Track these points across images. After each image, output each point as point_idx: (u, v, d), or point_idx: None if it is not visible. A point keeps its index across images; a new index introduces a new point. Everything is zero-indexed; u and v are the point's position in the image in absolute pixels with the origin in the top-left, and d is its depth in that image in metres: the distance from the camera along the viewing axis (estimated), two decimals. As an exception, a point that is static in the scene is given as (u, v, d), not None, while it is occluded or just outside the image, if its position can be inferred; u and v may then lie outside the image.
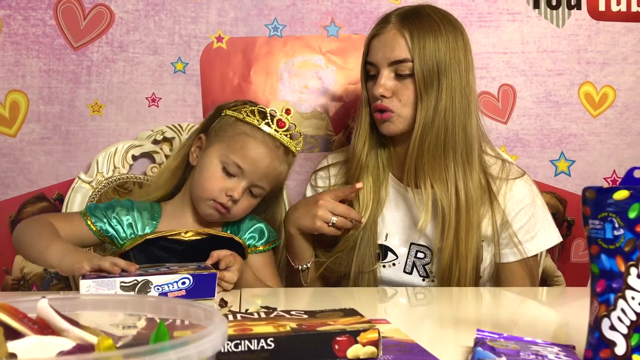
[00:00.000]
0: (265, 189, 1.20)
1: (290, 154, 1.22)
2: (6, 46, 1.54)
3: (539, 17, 1.62)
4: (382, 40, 1.21)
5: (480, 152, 1.24)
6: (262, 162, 1.16)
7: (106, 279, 0.95)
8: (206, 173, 1.16)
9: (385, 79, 1.20)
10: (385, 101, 1.20)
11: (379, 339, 0.67)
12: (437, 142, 1.18)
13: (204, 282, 0.99)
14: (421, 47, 1.18)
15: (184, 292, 0.98)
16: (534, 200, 1.25)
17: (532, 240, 1.24)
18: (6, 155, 1.54)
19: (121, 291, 0.95)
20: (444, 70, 1.18)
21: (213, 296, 1.00)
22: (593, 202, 0.61)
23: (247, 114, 1.19)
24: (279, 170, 1.20)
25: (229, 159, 1.15)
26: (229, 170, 1.15)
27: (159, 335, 0.48)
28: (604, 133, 1.63)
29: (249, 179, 1.16)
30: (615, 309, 0.60)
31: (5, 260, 1.55)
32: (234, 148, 1.16)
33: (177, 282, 0.97)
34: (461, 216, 1.18)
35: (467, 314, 1.03)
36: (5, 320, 0.50)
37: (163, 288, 0.97)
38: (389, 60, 1.20)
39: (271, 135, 1.18)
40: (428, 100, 1.18)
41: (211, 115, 1.26)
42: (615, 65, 1.63)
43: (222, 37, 1.57)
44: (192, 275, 0.99)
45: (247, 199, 1.18)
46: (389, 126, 1.22)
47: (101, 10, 1.55)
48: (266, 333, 0.65)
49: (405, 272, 1.27)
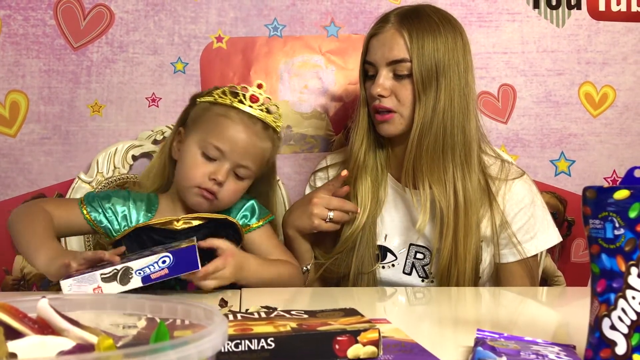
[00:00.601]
0: (250, 169, 1.16)
1: (270, 129, 1.18)
2: (6, 46, 1.54)
3: (538, 17, 1.62)
4: (381, 39, 1.21)
5: (479, 152, 1.24)
6: (240, 139, 1.14)
7: (86, 274, 0.94)
8: (187, 161, 1.15)
9: (384, 79, 1.20)
10: (384, 101, 1.20)
11: (379, 338, 0.67)
12: (436, 143, 1.18)
13: (184, 256, 0.97)
14: (420, 47, 1.18)
15: (167, 270, 0.95)
16: (534, 200, 1.25)
17: (532, 241, 1.24)
18: (6, 155, 1.54)
19: (103, 283, 0.93)
20: (442, 71, 1.18)
21: (197, 268, 0.97)
22: (593, 201, 0.61)
23: (219, 95, 1.17)
24: (261, 147, 1.17)
25: (207, 143, 1.13)
26: (209, 154, 1.13)
27: (159, 335, 0.48)
28: (604, 133, 1.63)
29: (231, 160, 1.13)
30: (615, 309, 0.60)
31: (5, 260, 1.55)
32: (210, 131, 1.14)
33: (157, 262, 0.95)
34: (460, 217, 1.18)
35: (467, 313, 1.03)
36: (5, 320, 0.50)
37: (144, 271, 0.95)
38: (387, 60, 1.20)
39: (246, 112, 1.15)
40: (426, 101, 1.18)
41: (187, 107, 1.24)
42: (615, 65, 1.63)
43: (222, 37, 1.57)
44: (171, 252, 0.97)
45: (233, 182, 1.15)
46: (387, 127, 1.22)
47: (101, 11, 1.55)
48: (266, 333, 0.65)
49: (404, 273, 1.27)
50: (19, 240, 1.10)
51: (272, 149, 1.21)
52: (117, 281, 0.94)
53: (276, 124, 1.19)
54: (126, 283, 0.95)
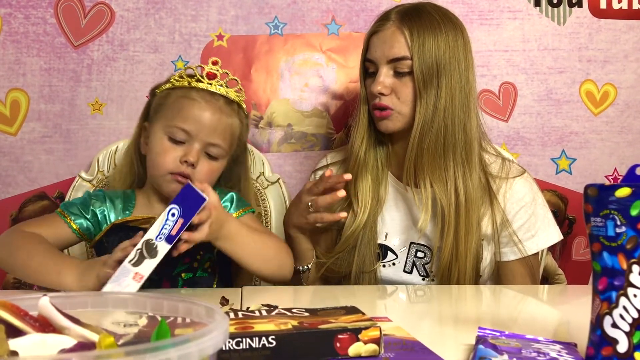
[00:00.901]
0: (221, 147, 1.12)
1: (234, 104, 1.15)
2: (7, 45, 1.54)
3: (540, 14, 1.61)
4: (381, 37, 1.21)
5: (480, 151, 1.23)
6: (205, 117, 1.11)
7: (117, 272, 0.93)
8: (155, 150, 1.12)
9: (384, 77, 1.20)
10: (384, 99, 1.20)
11: (380, 336, 0.67)
12: (437, 142, 1.18)
13: (186, 197, 0.95)
14: (420, 44, 1.17)
15: (181, 219, 0.94)
16: (534, 199, 1.25)
17: (533, 239, 1.24)
18: (7, 153, 1.54)
19: (136, 268, 0.92)
20: (443, 69, 1.17)
21: (204, 199, 0.95)
22: (595, 199, 0.61)
23: (176, 79, 1.15)
24: (228, 122, 1.13)
25: (172, 127, 1.10)
26: (176, 137, 1.10)
27: (161, 333, 0.48)
28: (605, 131, 1.63)
29: (200, 140, 1.10)
30: (617, 307, 0.60)
31: (6, 258, 1.55)
32: (174, 115, 1.11)
33: (167, 219, 0.94)
34: (460, 215, 1.18)
35: (468, 311, 1.03)
36: (6, 318, 0.50)
37: (163, 233, 0.93)
38: (387, 57, 1.20)
39: (205, 90, 1.13)
40: (427, 99, 1.17)
41: (148, 101, 1.22)
42: (616, 63, 1.62)
43: (222, 35, 1.57)
44: (173, 201, 0.95)
45: (206, 163, 1.12)
46: (387, 124, 1.22)
47: (101, 9, 1.55)
48: (268, 331, 0.65)
49: (405, 272, 1.27)
50: (25, 272, 1.04)
51: (240, 125, 1.17)
52: (147, 258, 0.93)
53: (240, 98, 1.17)
54: (156, 254, 0.93)
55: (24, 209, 1.55)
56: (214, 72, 1.14)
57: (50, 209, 1.54)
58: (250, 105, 1.59)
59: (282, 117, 1.59)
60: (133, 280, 0.92)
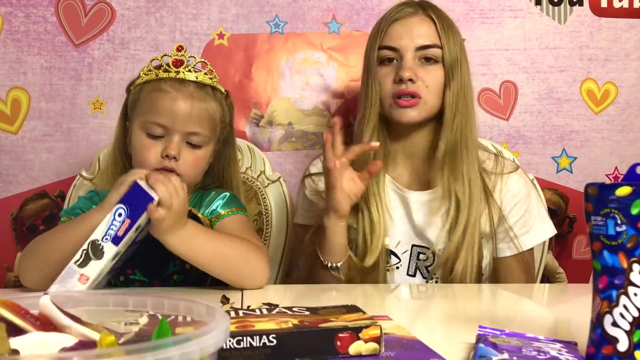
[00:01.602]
0: (202, 134, 1.09)
1: (208, 87, 1.12)
2: (7, 43, 1.54)
3: (540, 13, 1.61)
4: (408, 24, 1.21)
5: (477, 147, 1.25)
6: (178, 107, 1.07)
7: (63, 273, 0.90)
8: (136, 148, 1.09)
9: (412, 63, 1.19)
10: (412, 86, 1.18)
11: (381, 335, 0.67)
12: (456, 134, 1.19)
13: (134, 196, 0.93)
14: (448, 35, 1.20)
15: (128, 220, 0.92)
16: (529, 194, 1.26)
17: (527, 234, 1.24)
18: (8, 152, 1.54)
19: (82, 269, 0.90)
20: (460, 64, 1.20)
21: (152, 199, 0.93)
22: (595, 198, 0.61)
23: (145, 73, 1.13)
24: (203, 108, 1.09)
25: (147, 123, 1.07)
26: (154, 133, 1.08)
27: (161, 331, 0.48)
28: (605, 130, 1.63)
29: (177, 131, 1.07)
30: (617, 306, 0.60)
31: (7, 257, 1.55)
32: (147, 110, 1.09)
33: (114, 220, 0.92)
34: (472, 211, 1.18)
35: (468, 310, 1.03)
36: (7, 317, 0.50)
37: (109, 234, 0.91)
38: (416, 44, 1.19)
39: (174, 79, 1.09)
40: (454, 89, 1.19)
41: (125, 99, 1.19)
42: (617, 61, 1.62)
43: (223, 34, 1.57)
44: (120, 201, 0.93)
45: (190, 153, 1.09)
46: (411, 113, 1.19)
47: (102, 8, 1.55)
48: (268, 329, 0.65)
49: (408, 275, 1.26)
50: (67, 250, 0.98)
51: (219, 107, 1.13)
52: (93, 259, 0.91)
53: (212, 80, 1.13)
54: (101, 255, 0.91)
55: (25, 208, 1.55)
56: (179, 59, 1.10)
57: (51, 208, 1.55)
58: (252, 104, 1.59)
59: (282, 116, 1.59)
60: (79, 282, 0.90)
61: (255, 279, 1.05)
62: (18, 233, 1.55)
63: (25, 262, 1.03)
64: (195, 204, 1.15)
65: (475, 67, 1.56)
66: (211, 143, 1.13)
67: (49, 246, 1.01)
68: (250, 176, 1.49)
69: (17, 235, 1.55)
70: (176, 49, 1.11)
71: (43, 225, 1.55)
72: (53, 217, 1.55)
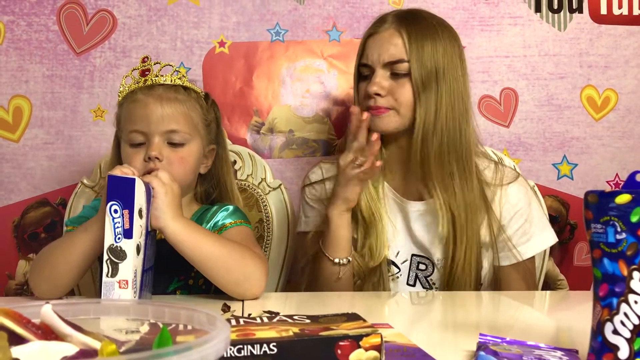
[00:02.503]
0: (181, 131, 1.10)
1: (177, 87, 1.13)
2: (10, 52, 1.54)
3: (540, 20, 1.62)
4: (378, 39, 1.21)
5: (474, 156, 1.24)
6: (150, 110, 1.09)
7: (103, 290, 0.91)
8: (124, 160, 1.11)
9: (380, 78, 1.19)
10: (380, 100, 1.18)
11: (381, 343, 0.67)
12: (441, 147, 1.17)
13: (117, 187, 0.92)
14: (419, 47, 1.18)
15: (127, 210, 0.91)
16: (529, 203, 1.25)
17: (528, 243, 1.24)
18: (9, 160, 1.55)
19: (115, 278, 0.91)
20: (442, 74, 1.18)
21: (133, 179, 0.93)
22: (595, 206, 0.61)
23: (120, 92, 1.16)
24: (175, 106, 1.11)
25: (127, 134, 1.10)
26: (135, 141, 1.10)
27: (162, 340, 0.49)
28: (606, 136, 1.63)
29: (153, 133, 1.09)
30: (618, 313, 0.60)
31: (8, 265, 1.55)
32: (126, 122, 1.12)
33: (114, 218, 0.91)
34: (467, 223, 1.18)
35: (469, 318, 1.03)
36: (9, 326, 0.50)
37: (119, 232, 0.91)
38: (384, 60, 1.19)
39: (142, 87, 1.12)
40: (427, 102, 1.17)
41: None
42: (617, 68, 1.63)
43: (224, 42, 1.58)
44: (108, 198, 0.92)
45: (173, 152, 1.10)
46: (380, 121, 1.19)
47: (104, 16, 1.56)
48: (269, 338, 0.65)
49: (408, 285, 1.26)
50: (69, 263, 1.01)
51: (195, 105, 1.15)
52: (120, 262, 0.91)
53: (181, 80, 1.15)
54: (124, 254, 0.91)
55: (26, 216, 1.55)
56: (145, 69, 1.13)
57: (53, 216, 1.55)
58: (252, 112, 1.59)
59: (283, 123, 1.59)
60: (120, 289, 0.91)
61: (251, 285, 1.04)
62: (19, 241, 1.56)
63: (35, 274, 1.04)
64: (198, 219, 1.16)
65: (475, 74, 1.56)
66: (194, 140, 1.13)
67: (56, 257, 1.02)
68: (251, 183, 1.49)
69: (18, 243, 1.56)
70: (141, 60, 1.15)
71: (44, 233, 1.55)
72: (54, 225, 1.55)
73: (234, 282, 1.03)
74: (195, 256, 1.01)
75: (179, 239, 1.00)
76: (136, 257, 0.93)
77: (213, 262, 1.02)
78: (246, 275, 1.03)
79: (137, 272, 0.94)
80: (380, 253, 1.22)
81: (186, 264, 1.03)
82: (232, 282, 1.03)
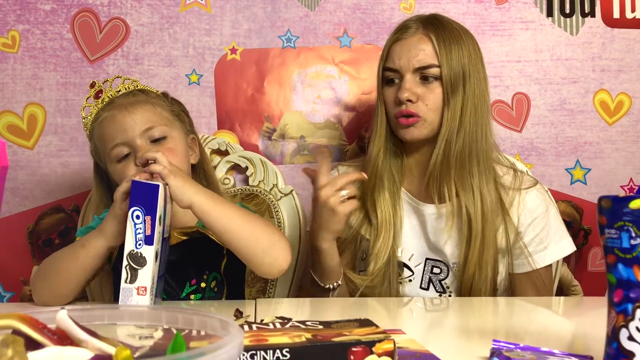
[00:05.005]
0: (158, 123, 1.12)
1: (135, 92, 1.17)
2: (25, 60, 1.56)
3: (552, 25, 1.61)
4: (406, 45, 1.21)
5: (494, 162, 1.24)
6: (120, 120, 1.11)
7: (121, 296, 0.92)
8: (119, 179, 1.10)
9: (410, 84, 1.20)
10: (411, 106, 1.19)
11: (394, 349, 0.67)
12: (463, 149, 1.18)
13: (140, 193, 0.93)
14: (448, 52, 1.19)
15: (149, 217, 0.92)
16: (548, 210, 1.24)
17: (545, 251, 1.23)
18: (24, 167, 1.56)
19: (134, 284, 0.92)
20: (468, 77, 1.19)
21: (157, 186, 0.94)
22: (609, 211, 0.61)
23: (85, 124, 1.19)
24: (140, 107, 1.13)
25: (109, 152, 1.11)
26: (121, 154, 1.10)
27: (176, 345, 0.49)
28: (619, 141, 1.62)
29: (134, 137, 1.10)
30: (633, 319, 0.59)
31: (22, 271, 1.57)
32: (103, 144, 1.13)
33: (136, 224, 0.92)
34: (486, 226, 1.18)
35: (482, 324, 1.02)
36: (25, 331, 0.50)
37: (140, 239, 0.92)
38: (414, 66, 1.20)
39: (106, 105, 1.15)
40: (455, 106, 1.18)
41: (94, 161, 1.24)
42: (630, 72, 1.61)
43: (235, 48, 1.59)
44: (131, 204, 0.93)
45: (159, 148, 1.10)
46: (413, 131, 1.20)
47: (117, 24, 1.57)
48: (282, 343, 0.65)
49: (421, 288, 1.26)
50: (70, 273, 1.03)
51: (157, 100, 1.17)
52: (139, 268, 0.92)
53: (132, 85, 1.18)
54: (144, 260, 0.92)
55: (41, 222, 1.57)
56: (98, 90, 1.18)
57: (67, 222, 1.56)
58: (264, 118, 1.60)
59: (295, 129, 1.60)
60: (138, 296, 0.92)
61: (278, 253, 1.03)
62: (34, 247, 1.57)
63: (38, 283, 1.07)
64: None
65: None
66: (174, 130, 1.15)
67: (57, 270, 1.04)
68: (263, 189, 1.50)
69: (33, 249, 1.57)
70: (90, 86, 1.21)
71: (58, 239, 1.57)
72: (68, 231, 1.56)
73: (261, 251, 1.02)
74: (222, 225, 1.01)
75: (206, 210, 1.00)
76: (155, 264, 0.93)
77: (240, 228, 1.01)
78: (272, 242, 1.03)
79: (155, 278, 0.94)
80: (385, 254, 1.21)
81: (196, 268, 1.04)
82: (260, 250, 1.02)
